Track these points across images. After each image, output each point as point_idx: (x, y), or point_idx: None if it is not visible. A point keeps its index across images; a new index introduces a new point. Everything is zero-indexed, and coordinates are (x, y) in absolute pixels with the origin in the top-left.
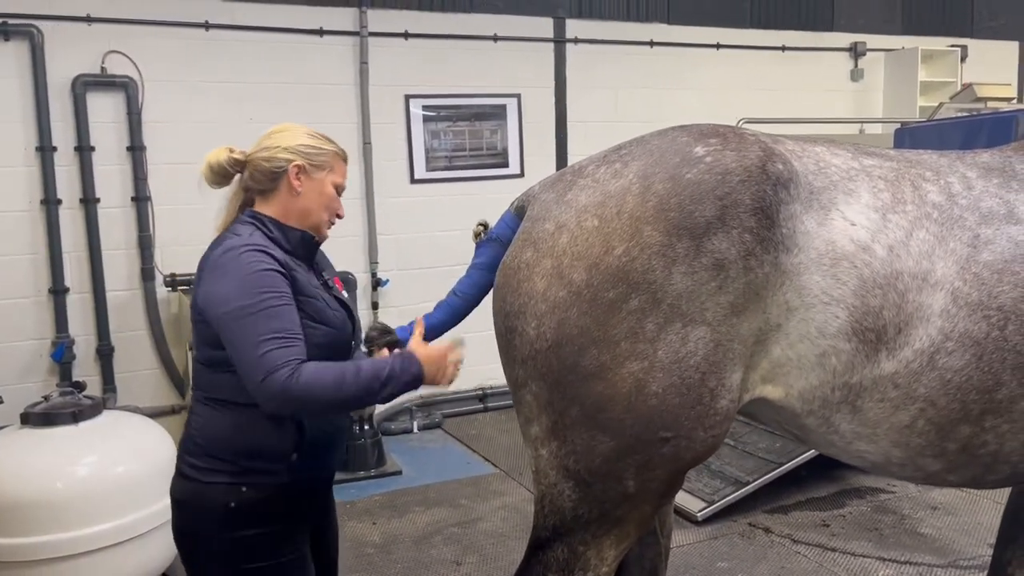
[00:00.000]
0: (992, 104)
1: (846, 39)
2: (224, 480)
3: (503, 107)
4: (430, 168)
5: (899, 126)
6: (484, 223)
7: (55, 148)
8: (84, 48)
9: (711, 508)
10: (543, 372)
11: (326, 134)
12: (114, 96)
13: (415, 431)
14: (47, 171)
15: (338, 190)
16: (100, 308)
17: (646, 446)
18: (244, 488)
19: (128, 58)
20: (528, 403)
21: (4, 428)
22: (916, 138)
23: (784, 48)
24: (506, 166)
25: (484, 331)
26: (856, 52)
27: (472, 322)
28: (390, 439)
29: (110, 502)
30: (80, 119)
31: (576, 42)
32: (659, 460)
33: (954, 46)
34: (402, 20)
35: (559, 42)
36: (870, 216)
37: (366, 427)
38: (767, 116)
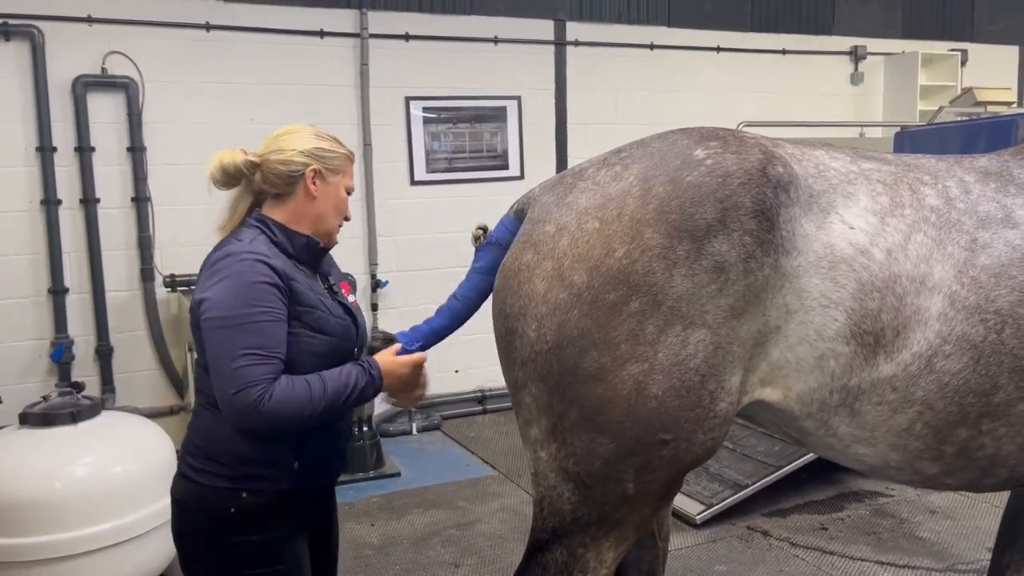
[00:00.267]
0: (992, 108)
1: (846, 43)
2: (225, 484)
3: (503, 109)
4: (430, 170)
5: (899, 130)
6: (483, 227)
7: (55, 148)
8: (84, 48)
9: (710, 511)
10: (543, 374)
11: (332, 134)
12: (114, 97)
13: (414, 433)
14: (47, 171)
15: (348, 192)
16: (99, 308)
17: (646, 448)
18: (245, 494)
19: (128, 59)
20: (528, 405)
21: (3, 428)
22: (916, 142)
23: (784, 51)
24: (506, 168)
25: (483, 333)
26: (856, 56)
27: (471, 324)
28: (389, 440)
29: (109, 502)
30: (80, 119)
31: (576, 44)
32: (658, 462)
33: (954, 50)
34: (402, 22)
35: (559, 44)
36: (869, 220)
37: (365, 428)
38: (767, 119)
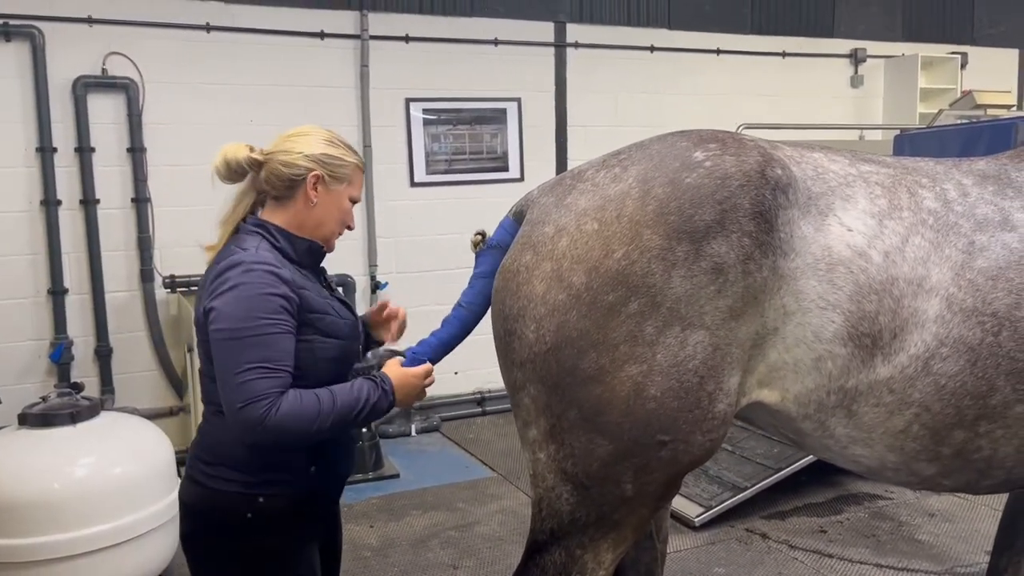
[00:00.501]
0: (992, 111)
1: (846, 45)
2: (241, 490)
3: (503, 111)
4: (430, 171)
5: (899, 133)
6: (482, 232)
7: (55, 149)
8: (85, 49)
9: (709, 513)
10: (542, 375)
11: (346, 140)
12: (115, 97)
13: (413, 434)
14: (47, 172)
15: (353, 202)
16: (99, 309)
17: (644, 449)
18: (261, 499)
19: (129, 59)
20: (526, 406)
21: (2, 429)
22: (915, 145)
23: (784, 54)
24: (506, 170)
25: (482, 335)
26: (856, 58)
27: None
28: (388, 442)
29: (108, 503)
30: (80, 120)
31: (576, 46)
32: (657, 464)
33: (954, 53)
34: (403, 23)
35: (560, 46)
36: (867, 222)
37: (364, 430)
38: (767, 122)
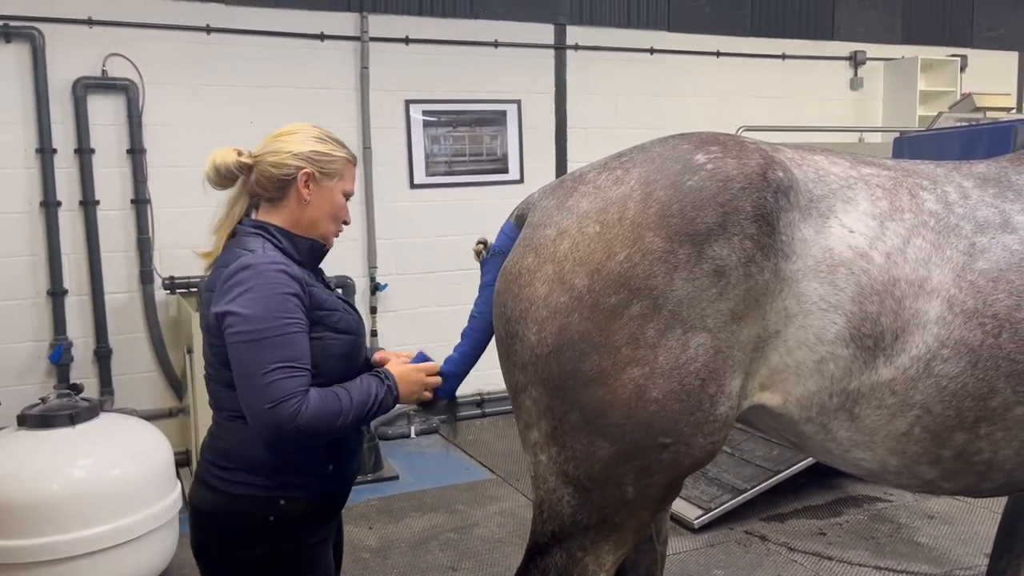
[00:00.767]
0: (991, 114)
1: (846, 48)
2: (261, 493)
3: (503, 113)
4: (430, 173)
5: (898, 135)
6: (483, 240)
7: (55, 150)
8: (85, 50)
9: (708, 515)
10: (543, 377)
11: (336, 136)
12: (114, 99)
13: (413, 436)
14: (47, 173)
15: (346, 196)
16: (98, 310)
17: (645, 452)
18: (282, 501)
19: (129, 61)
20: (528, 408)
21: (1, 430)
22: (915, 147)
23: (784, 56)
24: (506, 172)
25: None
26: (856, 61)
27: None
28: (387, 444)
29: (107, 504)
30: (80, 121)
31: (576, 48)
32: (658, 466)
33: (954, 56)
34: (403, 25)
35: (559, 48)
36: (868, 224)
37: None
38: (767, 124)
